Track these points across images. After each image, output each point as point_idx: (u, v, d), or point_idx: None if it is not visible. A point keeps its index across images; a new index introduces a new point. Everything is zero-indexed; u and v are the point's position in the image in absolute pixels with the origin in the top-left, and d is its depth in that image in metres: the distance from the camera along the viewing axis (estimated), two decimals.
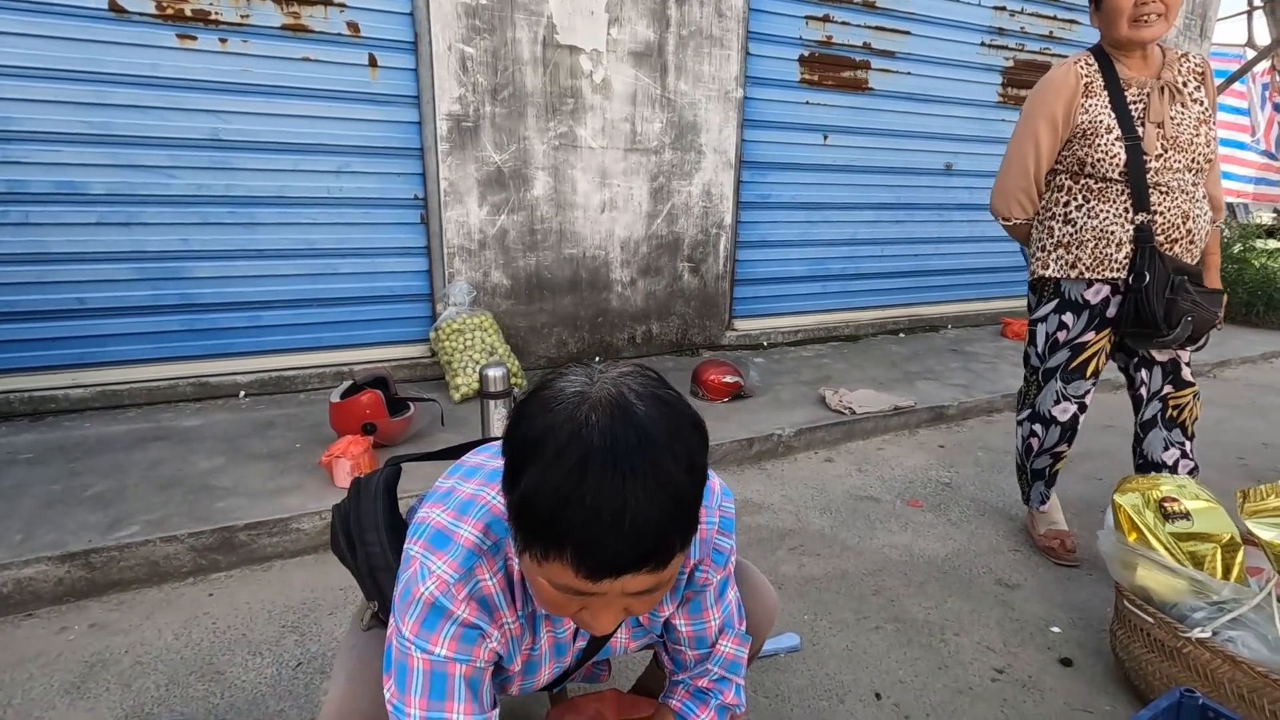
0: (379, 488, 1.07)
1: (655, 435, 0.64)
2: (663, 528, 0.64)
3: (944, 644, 1.79)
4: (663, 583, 0.70)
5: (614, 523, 0.62)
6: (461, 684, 0.78)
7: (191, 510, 2.11)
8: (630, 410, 0.65)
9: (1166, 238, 1.86)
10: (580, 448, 0.62)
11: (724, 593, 0.98)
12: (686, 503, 0.66)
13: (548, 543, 0.65)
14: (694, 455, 0.68)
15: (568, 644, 0.94)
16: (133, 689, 1.57)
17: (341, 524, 1.08)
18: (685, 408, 0.71)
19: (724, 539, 0.93)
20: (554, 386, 0.69)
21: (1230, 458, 3.07)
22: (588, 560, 0.64)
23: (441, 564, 0.78)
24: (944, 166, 4.85)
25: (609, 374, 0.69)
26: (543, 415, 0.66)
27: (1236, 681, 1.35)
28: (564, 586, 0.67)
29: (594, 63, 3.48)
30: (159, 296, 3.01)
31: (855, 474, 2.83)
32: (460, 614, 0.78)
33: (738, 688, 1.02)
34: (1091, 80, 1.89)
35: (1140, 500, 1.60)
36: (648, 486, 0.62)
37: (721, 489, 0.94)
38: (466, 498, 0.83)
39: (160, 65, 2.81)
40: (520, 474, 0.65)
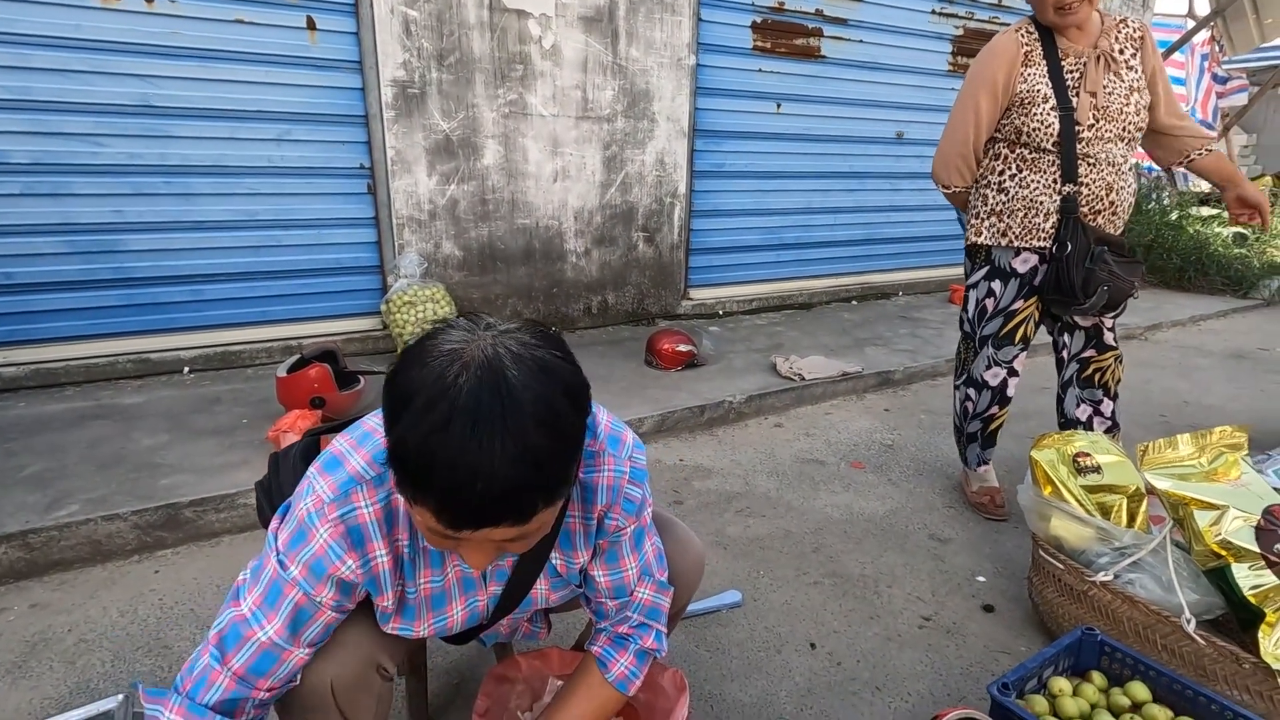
0: (296, 458, 1.09)
1: (520, 399, 0.66)
2: (517, 489, 0.67)
3: (877, 596, 1.89)
4: (529, 532, 0.73)
5: (468, 482, 0.65)
6: (290, 606, 0.83)
7: (134, 488, 2.09)
8: (501, 373, 0.67)
9: (1090, 209, 1.94)
10: (445, 406, 0.65)
11: (640, 542, 1.01)
12: (546, 466, 0.68)
13: (413, 489, 0.69)
14: (560, 419, 0.70)
15: (477, 581, 0.97)
16: (77, 666, 1.57)
17: (265, 497, 1.11)
18: (564, 371, 0.72)
19: (634, 488, 0.95)
20: (436, 339, 0.71)
21: (1154, 415, 3.25)
22: (446, 512, 0.68)
23: (324, 484, 0.82)
24: (895, 135, 4.92)
25: (490, 332, 0.71)
26: (418, 368, 0.68)
27: (1134, 619, 1.47)
28: (431, 529, 0.72)
29: (543, 28, 3.41)
30: (92, 271, 2.90)
31: (803, 438, 2.91)
32: (321, 536, 0.81)
33: (658, 633, 1.06)
34: (1031, 49, 1.94)
35: (1056, 456, 1.70)
36: (505, 450, 0.65)
37: (634, 442, 0.97)
38: (368, 429, 0.87)
39: (83, 26, 2.67)
40: (394, 422, 0.69)
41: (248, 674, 0.83)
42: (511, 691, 1.22)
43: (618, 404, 2.87)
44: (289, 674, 0.86)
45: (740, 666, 1.61)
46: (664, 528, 1.13)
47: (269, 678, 0.84)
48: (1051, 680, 1.33)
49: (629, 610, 1.04)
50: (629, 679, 1.04)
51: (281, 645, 0.83)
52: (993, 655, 1.67)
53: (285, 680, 0.86)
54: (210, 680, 0.82)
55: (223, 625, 0.84)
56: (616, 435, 0.95)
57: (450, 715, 1.46)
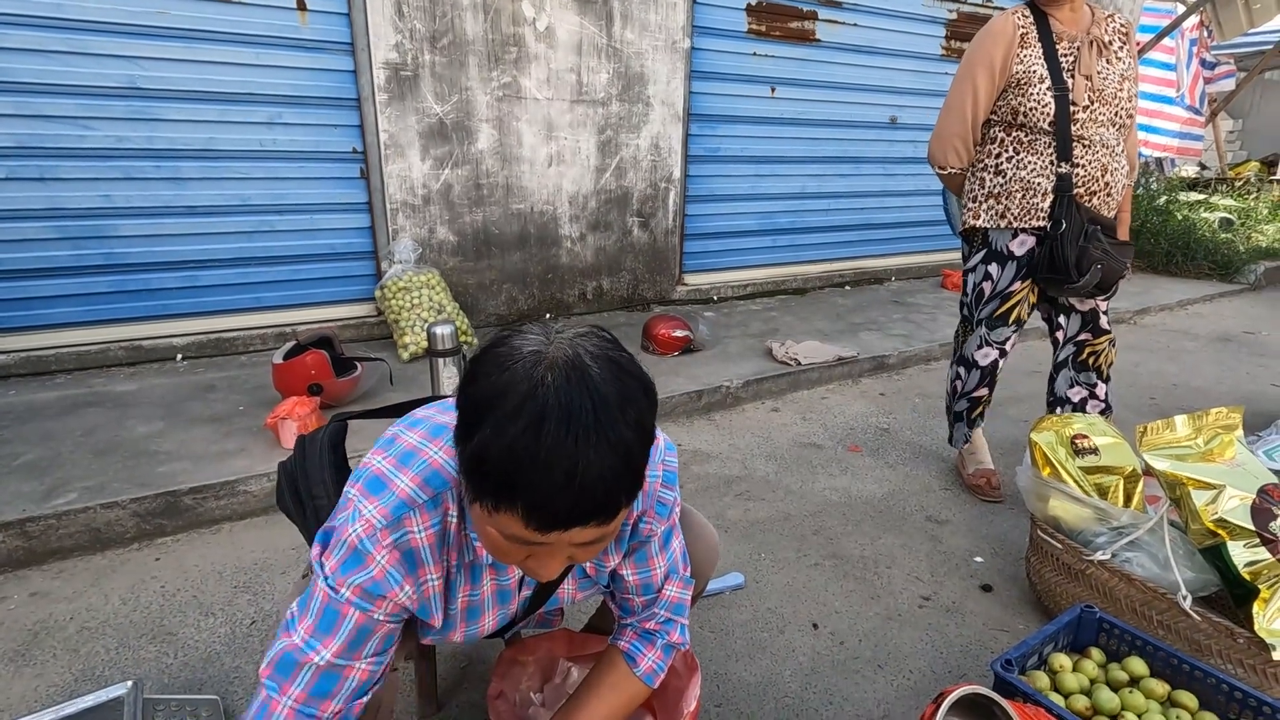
0: (324, 443, 1.08)
1: (608, 397, 0.66)
2: (611, 486, 0.67)
3: (877, 577, 1.91)
4: (607, 535, 0.73)
5: (566, 480, 0.64)
6: (349, 627, 0.81)
7: (132, 475, 2.07)
8: (585, 372, 0.67)
9: (1085, 189, 1.95)
10: (536, 407, 0.64)
11: (668, 542, 1.02)
12: (634, 463, 0.69)
13: (499, 496, 0.67)
14: (643, 417, 0.70)
15: (512, 591, 0.97)
16: (81, 654, 1.56)
17: (288, 481, 1.09)
18: (637, 371, 0.72)
19: (667, 491, 0.96)
20: (510, 344, 0.70)
21: (1143, 398, 3.30)
22: (538, 514, 0.66)
23: (372, 508, 0.80)
24: (889, 120, 4.91)
25: (565, 334, 0.71)
26: (499, 373, 0.67)
27: (1131, 597, 1.49)
28: (513, 536, 0.70)
29: (537, 10, 3.37)
30: (82, 256, 2.86)
31: (800, 422, 2.93)
32: (379, 562, 0.80)
33: (682, 628, 1.07)
34: (1027, 31, 1.95)
35: (1054, 438, 1.73)
36: (599, 447, 0.65)
37: (665, 444, 0.97)
38: (409, 448, 0.85)
39: (64, 6, 2.61)
40: (475, 429, 0.67)
41: (310, 698, 0.81)
42: (523, 673, 1.23)
43: None
44: (357, 689, 0.84)
45: (744, 647, 1.63)
46: (681, 517, 1.13)
47: (333, 699, 0.82)
48: (1052, 656, 1.36)
49: (656, 607, 1.04)
50: (656, 673, 1.05)
51: (340, 663, 0.82)
52: (991, 633, 1.70)
53: (354, 695, 0.84)
54: (269, 711, 0.80)
55: (274, 656, 0.82)
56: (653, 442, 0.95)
57: (458, 697, 1.47)
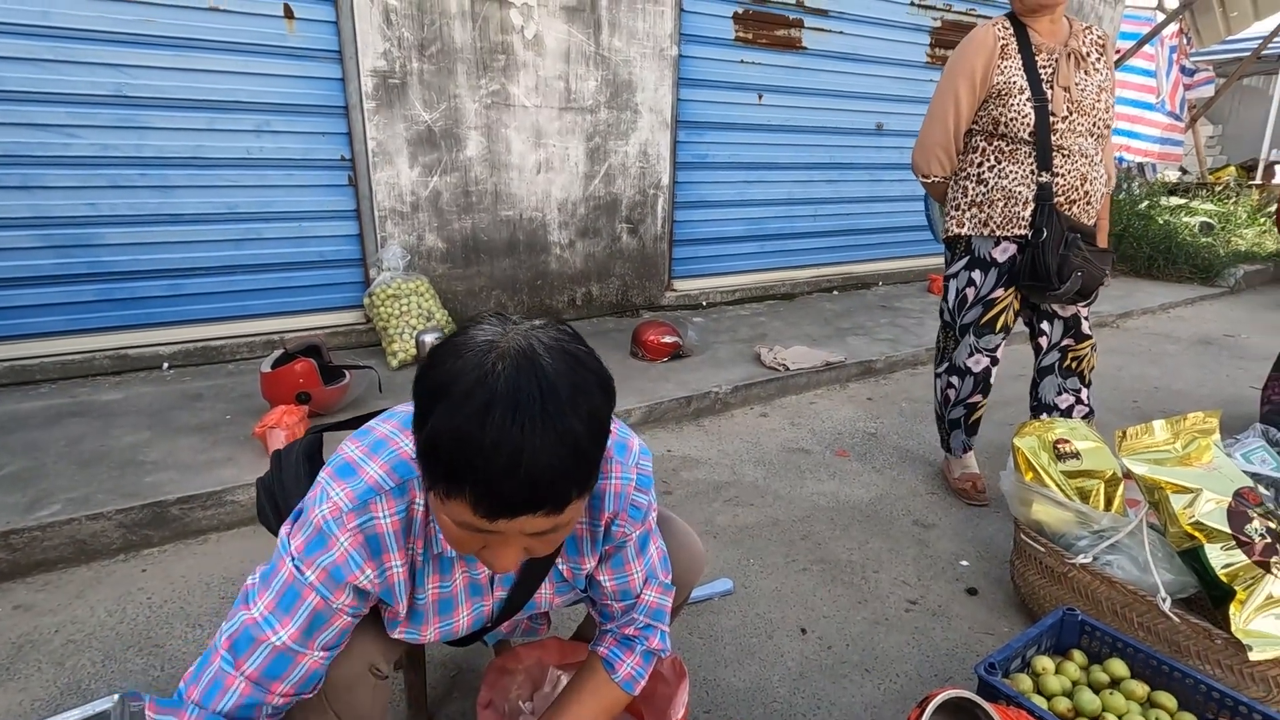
0: (299, 455, 1.08)
1: (558, 387, 0.67)
2: (558, 475, 0.67)
3: (864, 581, 1.93)
4: (560, 525, 0.73)
5: (510, 467, 0.65)
6: (307, 611, 0.82)
7: (118, 486, 2.06)
8: (536, 361, 0.67)
9: (1066, 198, 1.99)
10: (484, 393, 0.65)
11: (645, 547, 1.02)
12: (584, 453, 0.69)
13: (449, 482, 0.68)
14: (596, 410, 0.70)
15: (484, 587, 0.97)
16: (66, 667, 1.55)
17: (267, 495, 1.10)
18: (593, 364, 0.73)
19: (641, 495, 0.95)
20: (467, 334, 0.71)
21: (1126, 401, 3.34)
22: (485, 500, 0.67)
23: (340, 491, 0.81)
24: (875, 126, 4.96)
25: (521, 325, 0.72)
26: (452, 360, 0.68)
27: (1112, 599, 1.52)
28: (464, 524, 0.71)
29: (525, 17, 3.39)
30: (67, 265, 2.84)
31: (788, 427, 2.95)
32: (342, 544, 0.81)
33: (662, 634, 1.07)
34: (1008, 43, 1.99)
35: (1037, 443, 1.75)
36: (545, 435, 0.65)
37: (640, 448, 0.97)
38: (380, 437, 0.86)
39: (51, 14, 2.59)
40: (428, 415, 0.68)
41: (261, 678, 0.82)
42: (513, 682, 1.24)
43: None
44: (303, 677, 0.85)
45: (734, 653, 1.64)
46: (663, 525, 1.14)
47: (283, 681, 0.83)
48: (1035, 659, 1.38)
49: (634, 613, 1.04)
50: (635, 679, 1.05)
51: (296, 649, 0.82)
52: (977, 636, 1.72)
53: (300, 684, 0.85)
54: (224, 686, 0.81)
55: (234, 630, 0.83)
56: (623, 442, 0.95)
57: (449, 706, 1.47)
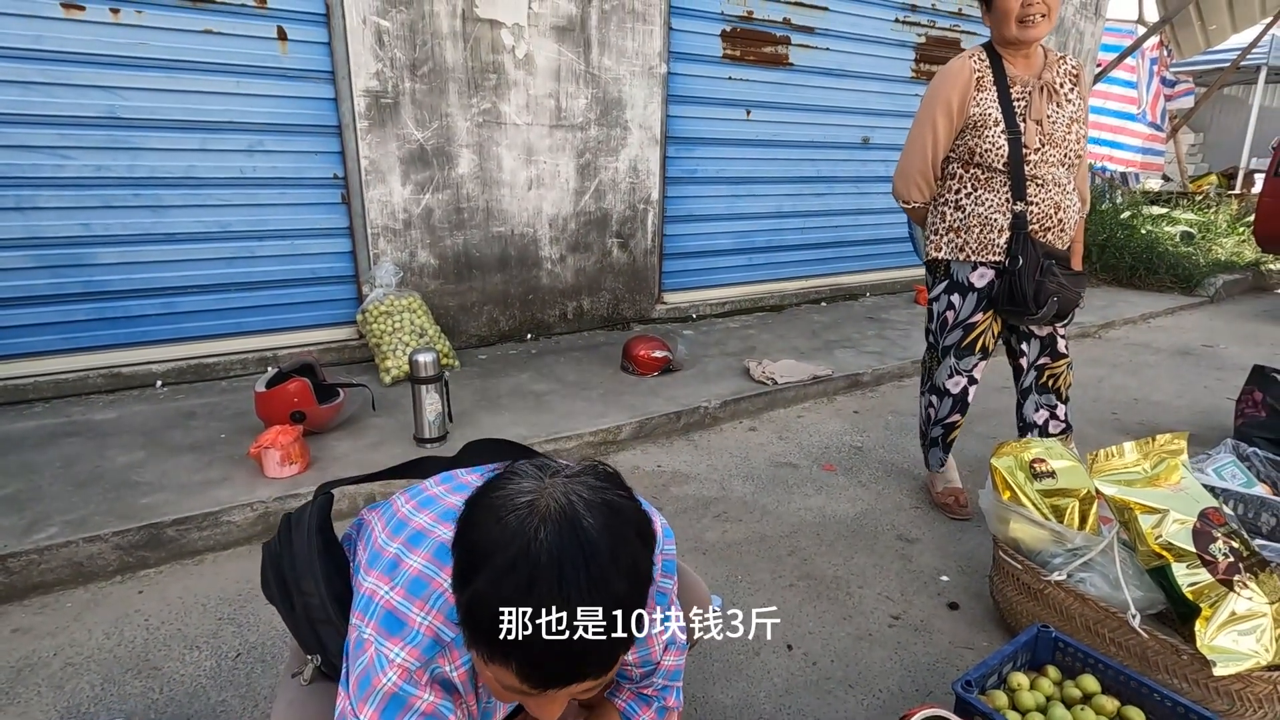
0: (311, 529, 1.00)
1: (600, 549, 0.66)
2: (605, 644, 0.66)
3: (849, 596, 1.98)
4: (606, 682, 0.73)
5: (558, 645, 0.64)
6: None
7: (114, 508, 2.08)
8: (577, 523, 0.67)
9: (1040, 226, 2.05)
10: (527, 566, 0.64)
11: (666, 620, 1.00)
12: (629, 613, 0.68)
13: (491, 650, 0.66)
14: (638, 562, 0.71)
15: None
16: (66, 690, 1.57)
17: (273, 567, 1.02)
18: (631, 513, 0.72)
19: (666, 580, 0.95)
20: (505, 489, 0.70)
21: (1106, 413, 3.42)
22: (533, 675, 0.67)
23: (401, 652, 0.77)
24: (861, 140, 5.04)
25: (559, 477, 0.71)
26: (492, 524, 0.67)
27: (1085, 615, 1.58)
28: (510, 687, 0.70)
29: (516, 37, 3.44)
30: (60, 285, 2.86)
31: (776, 442, 3.00)
32: (424, 701, 0.78)
33: (677, 691, 1.08)
34: (983, 75, 2.05)
35: (1014, 462, 1.81)
36: (591, 604, 0.65)
37: (664, 530, 0.94)
38: (415, 575, 0.80)
39: (45, 37, 2.62)
40: (469, 580, 0.67)
41: None
42: None
43: (596, 411, 2.92)
44: None
45: (721, 669, 1.68)
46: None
47: None
48: (1011, 675, 1.43)
49: (654, 676, 1.05)
50: None
51: None
52: (957, 651, 1.77)
53: None
54: None
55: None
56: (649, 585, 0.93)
57: None
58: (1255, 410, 2.79)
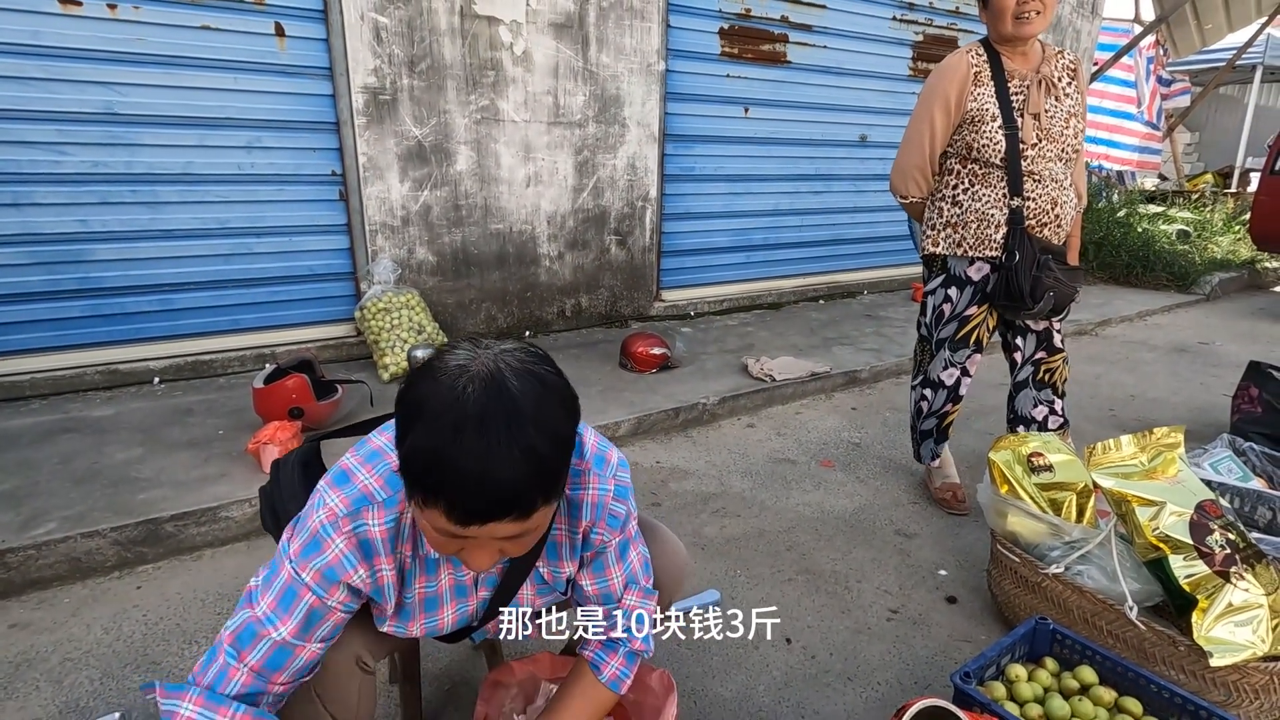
0: (295, 465, 1.18)
1: (522, 406, 0.74)
2: (521, 486, 0.75)
3: (847, 590, 1.98)
4: (529, 530, 0.81)
5: (478, 481, 0.73)
6: (304, 609, 0.89)
7: (112, 504, 2.08)
8: (503, 384, 0.75)
9: (1037, 221, 2.06)
10: (454, 415, 0.73)
11: (625, 553, 1.08)
12: (546, 466, 0.77)
13: (426, 493, 0.75)
14: (558, 426, 0.78)
15: (469, 588, 1.04)
16: (64, 685, 1.57)
17: (266, 502, 1.20)
18: (556, 384, 0.80)
19: (618, 504, 1.02)
20: (443, 359, 0.79)
21: (1103, 410, 3.43)
22: (457, 510, 0.75)
23: (335, 498, 0.89)
24: (859, 138, 5.05)
25: (492, 349, 0.79)
26: (427, 383, 0.76)
27: (1082, 608, 1.58)
28: (441, 530, 0.78)
29: (514, 34, 3.44)
30: (57, 281, 2.85)
31: (774, 438, 3.01)
32: (336, 547, 0.88)
33: (646, 636, 1.13)
34: (981, 70, 2.05)
35: (1011, 456, 1.82)
36: (509, 451, 0.73)
37: (619, 461, 1.04)
38: (375, 448, 0.93)
39: (42, 33, 2.61)
40: (406, 433, 0.76)
41: (263, 669, 0.89)
42: (506, 695, 1.28)
43: (595, 408, 2.92)
44: (302, 668, 0.92)
45: (720, 663, 1.68)
46: (649, 533, 1.20)
47: (283, 672, 0.90)
48: (1009, 667, 1.44)
49: (616, 614, 1.10)
50: (620, 679, 1.11)
51: (294, 643, 0.90)
52: (955, 644, 1.78)
53: (299, 673, 0.92)
54: (228, 676, 0.88)
55: (237, 626, 0.90)
56: (602, 455, 1.02)
57: (444, 718, 1.51)
58: (1251, 406, 2.80)
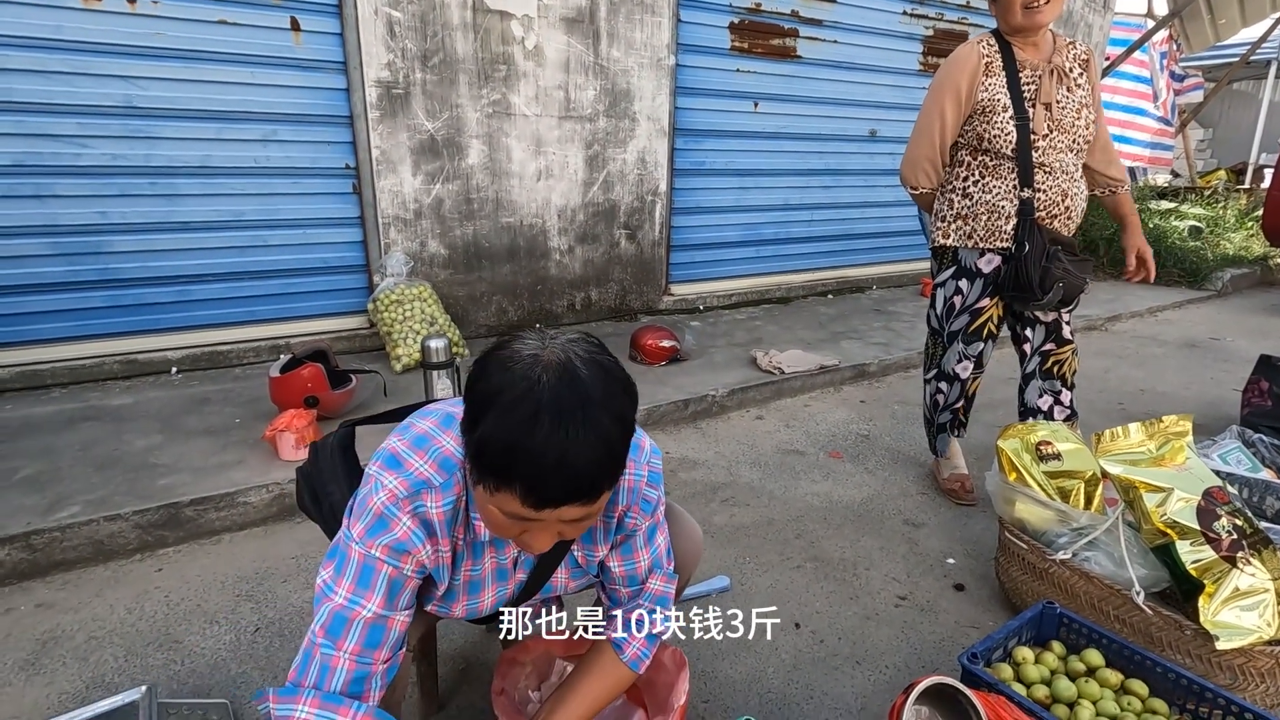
0: (334, 446, 1.21)
1: (593, 395, 0.78)
2: (595, 470, 0.78)
3: (856, 578, 2.00)
4: (591, 514, 0.84)
5: (556, 465, 0.76)
6: (384, 581, 0.91)
7: (133, 488, 2.12)
8: (575, 374, 0.78)
9: (1047, 213, 2.07)
10: (532, 402, 0.75)
11: (653, 537, 1.11)
12: (615, 450, 0.80)
13: (499, 478, 0.78)
14: (624, 412, 0.82)
15: (509, 570, 1.08)
16: (90, 662, 1.62)
17: (305, 482, 1.22)
18: (620, 372, 0.84)
19: (651, 490, 1.05)
20: (511, 348, 0.81)
21: (1112, 403, 3.43)
22: (533, 494, 0.77)
23: (393, 480, 0.91)
24: (869, 133, 5.04)
25: (559, 340, 0.83)
26: (501, 372, 0.79)
27: (1090, 593, 1.60)
28: (511, 513, 0.81)
29: (525, 29, 3.46)
30: (77, 272, 2.90)
31: (783, 430, 3.03)
32: (403, 524, 0.90)
33: (666, 618, 1.16)
34: (992, 60, 2.06)
35: (1020, 444, 1.83)
36: (585, 436, 0.76)
37: (651, 448, 1.07)
38: (421, 433, 0.95)
39: (64, 27, 2.66)
40: (479, 420, 0.78)
41: (364, 650, 0.90)
42: (522, 672, 1.31)
43: None
44: (396, 641, 0.94)
45: (730, 646, 1.71)
46: (669, 516, 1.23)
47: (383, 648, 0.92)
48: (1016, 650, 1.46)
49: (641, 598, 1.14)
50: (640, 659, 1.14)
51: (384, 614, 0.92)
52: (963, 630, 1.80)
53: (395, 646, 0.94)
54: (332, 667, 0.89)
55: (324, 619, 0.91)
56: (637, 443, 1.04)
57: (458, 698, 1.54)
58: (1261, 400, 2.80)
